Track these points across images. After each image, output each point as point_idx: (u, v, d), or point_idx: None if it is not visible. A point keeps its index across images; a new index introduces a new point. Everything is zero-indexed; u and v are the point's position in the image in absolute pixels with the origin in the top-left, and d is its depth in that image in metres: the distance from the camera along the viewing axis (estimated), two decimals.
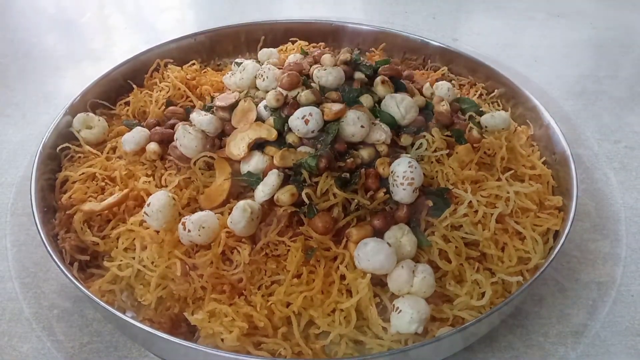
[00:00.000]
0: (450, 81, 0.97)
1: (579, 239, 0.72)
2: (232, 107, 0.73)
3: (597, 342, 0.65)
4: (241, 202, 0.61)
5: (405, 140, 0.71)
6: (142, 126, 0.82)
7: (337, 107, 0.67)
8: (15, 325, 0.67)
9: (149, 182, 0.70)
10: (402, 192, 0.62)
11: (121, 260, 0.63)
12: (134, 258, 0.63)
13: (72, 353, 0.63)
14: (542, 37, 1.34)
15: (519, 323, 0.66)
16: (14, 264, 0.75)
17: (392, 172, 0.64)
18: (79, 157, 0.78)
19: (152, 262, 0.62)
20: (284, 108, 0.69)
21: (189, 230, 0.59)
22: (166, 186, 0.70)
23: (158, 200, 0.61)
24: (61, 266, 0.59)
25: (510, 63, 1.19)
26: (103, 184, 0.73)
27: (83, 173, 0.74)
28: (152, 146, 0.75)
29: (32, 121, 1.00)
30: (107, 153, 0.79)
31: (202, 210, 0.68)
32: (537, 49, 1.28)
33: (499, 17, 1.42)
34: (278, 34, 1.07)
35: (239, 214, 0.60)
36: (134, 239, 0.64)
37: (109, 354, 0.63)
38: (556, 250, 0.62)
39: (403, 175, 0.62)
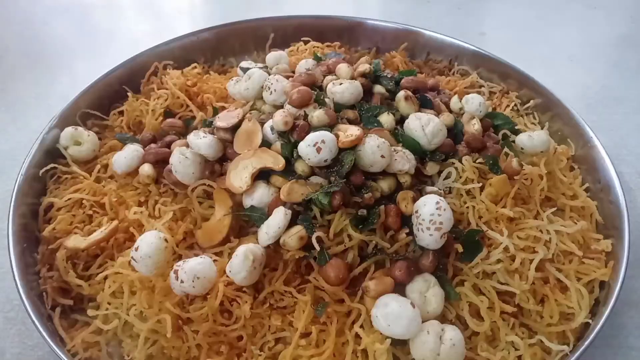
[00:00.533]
0: (479, 87, 0.88)
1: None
2: (234, 128, 0.64)
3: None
4: (242, 249, 0.53)
5: (431, 168, 0.62)
6: (137, 140, 0.74)
7: (353, 132, 0.58)
8: None
9: (141, 212, 0.62)
10: (428, 238, 0.54)
11: (107, 309, 0.56)
12: (121, 304, 0.56)
13: None
14: (578, 31, 1.22)
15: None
16: None
17: (416, 212, 0.55)
18: (66, 178, 0.70)
19: (142, 312, 0.54)
20: (294, 131, 0.61)
21: (182, 281, 0.52)
22: (160, 217, 0.62)
23: (147, 245, 0.53)
24: (37, 324, 0.52)
25: (543, 61, 1.08)
26: (90, 212, 0.65)
27: (69, 199, 0.66)
28: (146, 168, 0.67)
29: (23, 126, 0.93)
30: (98, 172, 0.71)
31: (199, 246, 0.61)
32: (572, 45, 1.17)
33: (529, 7, 1.31)
34: (288, 31, 0.98)
35: (239, 264, 0.52)
36: (122, 282, 0.57)
37: None
38: (608, 310, 0.54)
39: (430, 218, 0.53)
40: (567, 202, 0.67)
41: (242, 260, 0.52)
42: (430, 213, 0.53)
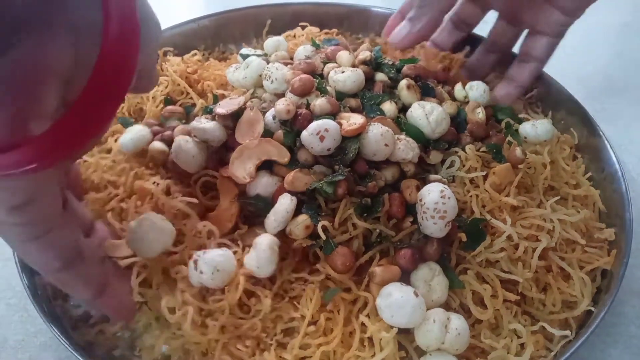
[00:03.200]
0: None
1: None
2: (234, 116, 0.63)
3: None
4: (265, 242, 0.52)
5: (434, 157, 0.62)
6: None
7: (356, 120, 0.58)
8: None
9: (157, 184, 0.60)
10: (433, 227, 0.53)
11: None
12: None
13: None
14: (580, 19, 1.21)
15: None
16: None
17: (420, 200, 0.55)
18: None
19: None
20: (296, 120, 0.60)
21: (202, 272, 0.51)
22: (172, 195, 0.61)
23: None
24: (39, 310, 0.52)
25: None
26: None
27: None
28: (157, 145, 0.65)
29: None
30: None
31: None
32: (575, 33, 1.15)
33: None
34: (287, 18, 0.96)
35: (268, 257, 0.52)
36: None
37: None
38: (611, 297, 0.54)
39: (434, 207, 0.53)
40: (570, 191, 0.67)
41: (270, 253, 0.52)
42: (435, 201, 0.53)
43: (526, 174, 0.63)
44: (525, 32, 0.80)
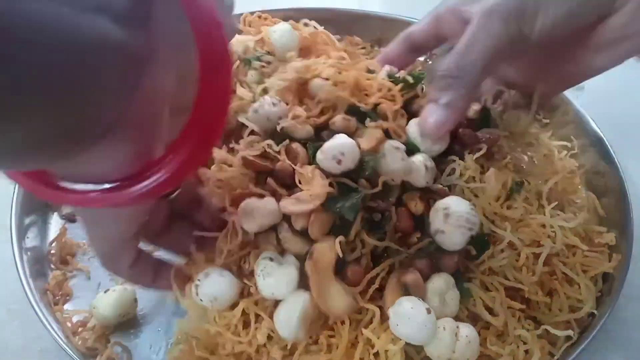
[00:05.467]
0: None
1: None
2: None
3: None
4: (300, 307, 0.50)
5: None
6: None
7: (374, 134, 0.55)
8: None
9: None
10: (459, 237, 0.52)
11: None
12: None
13: None
14: None
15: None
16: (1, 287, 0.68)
17: (445, 208, 0.53)
18: None
19: None
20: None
21: (201, 299, 0.51)
22: None
23: None
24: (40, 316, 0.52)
25: None
26: None
27: None
28: None
29: None
30: None
31: None
32: None
33: None
34: None
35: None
36: None
37: None
38: (613, 300, 0.57)
39: (466, 217, 0.52)
40: (569, 196, 0.67)
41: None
42: (467, 212, 0.52)
43: None
44: None
